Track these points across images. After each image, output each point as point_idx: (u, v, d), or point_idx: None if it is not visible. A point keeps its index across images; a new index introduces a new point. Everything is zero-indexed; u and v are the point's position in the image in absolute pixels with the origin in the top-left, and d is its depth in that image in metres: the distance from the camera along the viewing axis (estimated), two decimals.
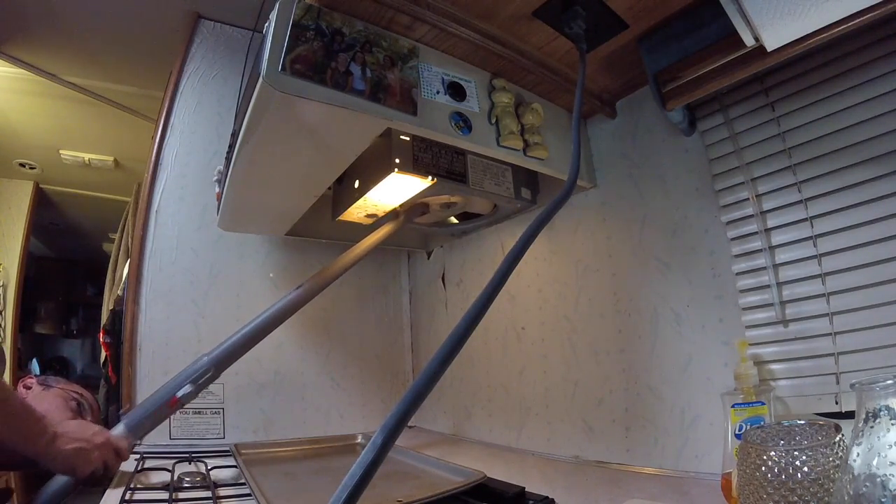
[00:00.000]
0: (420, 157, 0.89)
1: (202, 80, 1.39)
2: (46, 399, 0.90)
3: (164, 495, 0.79)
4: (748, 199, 0.79)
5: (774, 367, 0.75)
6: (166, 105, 1.35)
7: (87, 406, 0.97)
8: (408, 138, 0.88)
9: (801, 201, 0.74)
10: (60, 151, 2.38)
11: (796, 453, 0.48)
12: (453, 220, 1.26)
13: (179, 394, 0.75)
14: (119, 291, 1.72)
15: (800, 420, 0.57)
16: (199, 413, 1.23)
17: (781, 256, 0.75)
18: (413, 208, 1.08)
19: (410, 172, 0.87)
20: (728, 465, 0.67)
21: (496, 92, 0.87)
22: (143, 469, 0.95)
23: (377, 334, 1.58)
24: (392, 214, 1.09)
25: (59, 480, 0.71)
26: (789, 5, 0.58)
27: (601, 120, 1.06)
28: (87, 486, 0.72)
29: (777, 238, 0.76)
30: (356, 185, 0.99)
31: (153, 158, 1.30)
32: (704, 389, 0.82)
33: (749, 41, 0.64)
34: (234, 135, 0.89)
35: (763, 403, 0.67)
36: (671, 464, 0.86)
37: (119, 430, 0.76)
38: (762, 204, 0.78)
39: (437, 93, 0.80)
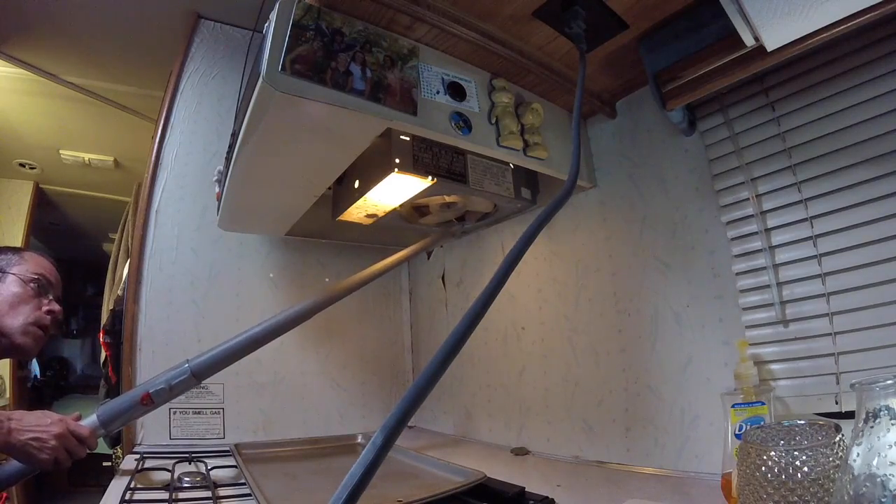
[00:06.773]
0: (420, 157, 0.89)
1: (202, 80, 1.40)
2: (3, 291, 0.89)
3: (164, 495, 0.79)
4: (748, 199, 0.79)
5: (774, 367, 0.75)
6: (166, 105, 1.35)
7: (47, 282, 0.96)
8: (408, 138, 0.88)
9: (801, 201, 0.74)
10: (60, 151, 2.38)
11: (796, 453, 0.48)
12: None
13: (151, 390, 0.75)
14: (119, 291, 1.71)
15: (800, 420, 0.57)
16: (199, 413, 1.23)
17: (781, 256, 0.75)
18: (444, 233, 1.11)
19: (410, 172, 0.87)
20: (728, 465, 0.67)
21: (496, 92, 0.87)
22: (143, 469, 0.95)
23: (377, 334, 1.58)
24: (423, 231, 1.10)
25: (14, 464, 0.73)
26: (789, 5, 0.58)
27: (601, 120, 1.06)
28: (50, 473, 0.74)
29: (777, 238, 0.76)
30: (356, 185, 0.99)
31: (153, 158, 1.30)
32: (704, 389, 0.82)
33: (749, 41, 0.65)
34: (234, 135, 0.89)
35: (763, 403, 0.67)
36: (671, 464, 0.86)
37: (90, 420, 0.77)
38: (762, 204, 0.78)
39: (437, 93, 0.80)
